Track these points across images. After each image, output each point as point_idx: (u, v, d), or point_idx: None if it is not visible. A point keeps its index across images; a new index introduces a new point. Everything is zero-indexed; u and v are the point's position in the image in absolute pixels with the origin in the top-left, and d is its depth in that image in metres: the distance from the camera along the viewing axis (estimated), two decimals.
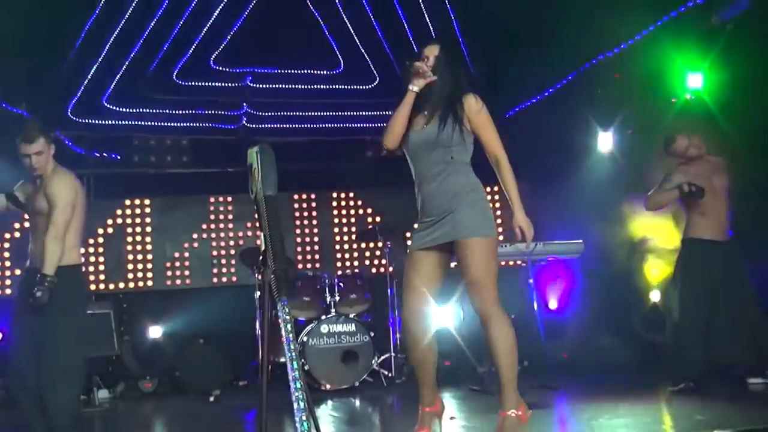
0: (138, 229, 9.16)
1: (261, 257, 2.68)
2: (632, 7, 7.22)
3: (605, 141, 8.57)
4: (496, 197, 9.64)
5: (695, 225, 6.17)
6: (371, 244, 9.68)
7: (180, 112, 9.56)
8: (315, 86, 10.13)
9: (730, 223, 6.18)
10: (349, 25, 10.13)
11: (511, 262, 8.03)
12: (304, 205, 9.79)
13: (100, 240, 9.01)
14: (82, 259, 5.37)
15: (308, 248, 9.73)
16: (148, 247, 9.18)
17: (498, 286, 4.27)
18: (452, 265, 4.50)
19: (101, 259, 8.98)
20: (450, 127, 4.32)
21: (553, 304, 9.16)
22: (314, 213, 9.82)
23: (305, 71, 10.17)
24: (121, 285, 9.00)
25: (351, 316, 7.77)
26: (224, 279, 9.38)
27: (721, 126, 6.74)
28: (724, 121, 6.61)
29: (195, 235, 9.36)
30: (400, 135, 4.42)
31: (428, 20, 9.98)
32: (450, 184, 4.33)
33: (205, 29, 9.67)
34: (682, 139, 6.21)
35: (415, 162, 4.48)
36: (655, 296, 8.35)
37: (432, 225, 4.37)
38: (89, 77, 9.12)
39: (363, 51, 10.20)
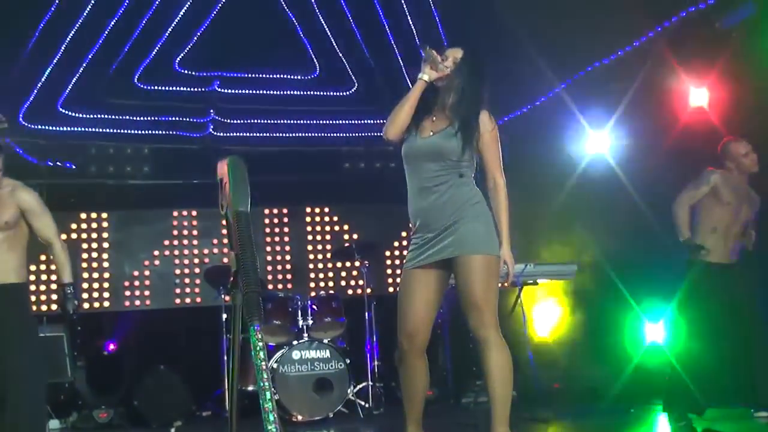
0: (94, 245, 9.11)
1: (232, 278, 2.66)
2: (631, 12, 7.29)
3: (597, 142, 8.61)
4: None
5: (705, 244, 6.21)
6: (347, 264, 9.67)
7: (141, 118, 9.49)
8: (288, 92, 10.10)
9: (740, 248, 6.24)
10: (325, 27, 10.12)
11: (499, 285, 8.03)
12: (276, 221, 9.78)
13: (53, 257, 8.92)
14: None
15: (279, 267, 9.72)
16: (105, 264, 9.12)
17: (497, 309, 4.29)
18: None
19: (54, 277, 8.91)
20: (463, 140, 4.31)
21: (544, 331, 9.18)
22: (286, 229, 9.81)
23: (277, 76, 10.15)
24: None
25: (325, 341, 7.74)
26: (188, 300, 9.34)
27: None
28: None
29: (156, 252, 9.32)
30: (403, 126, 4.39)
31: (411, 23, 10.01)
32: (452, 197, 4.31)
33: (169, 29, 9.63)
34: (746, 146, 6.23)
35: (414, 170, 4.42)
36: (652, 327, 8.38)
37: (430, 241, 4.33)
38: (43, 80, 9.06)
39: (341, 55, 10.19)
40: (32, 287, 8.80)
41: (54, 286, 8.87)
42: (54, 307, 8.81)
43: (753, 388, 5.98)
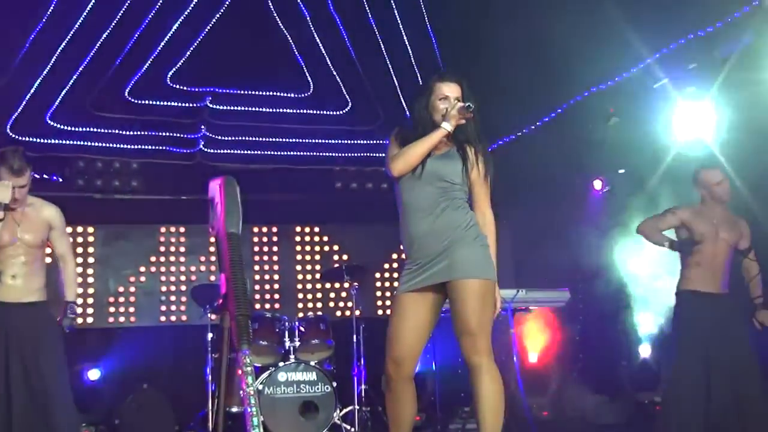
0: (79, 260, 9.06)
1: (221, 300, 2.67)
2: (629, 39, 7.33)
3: (597, 183, 8.69)
4: None
5: (690, 276, 6.20)
6: (336, 285, 9.67)
7: (131, 132, 9.49)
8: (281, 110, 10.10)
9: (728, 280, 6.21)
10: (320, 45, 10.15)
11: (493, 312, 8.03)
12: (265, 239, 9.78)
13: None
14: None
15: (267, 287, 9.71)
16: (90, 280, 9.11)
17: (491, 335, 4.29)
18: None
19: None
20: (464, 166, 4.41)
21: (533, 357, 9.18)
22: (275, 248, 9.81)
23: (270, 93, 10.15)
24: None
25: (312, 363, 7.73)
26: (173, 318, 9.32)
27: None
28: (729, 166, 6.65)
29: (142, 269, 9.31)
30: (413, 168, 4.39)
31: (407, 43, 10.04)
32: (448, 221, 4.32)
33: (162, 43, 9.64)
34: (720, 175, 6.17)
35: (410, 193, 4.42)
36: (644, 350, 8.40)
37: (425, 265, 4.33)
38: (32, 91, 9.05)
39: (335, 73, 10.22)
40: None
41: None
42: None
43: (743, 425, 5.95)
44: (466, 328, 4.22)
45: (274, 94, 10.14)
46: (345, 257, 9.80)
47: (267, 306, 9.54)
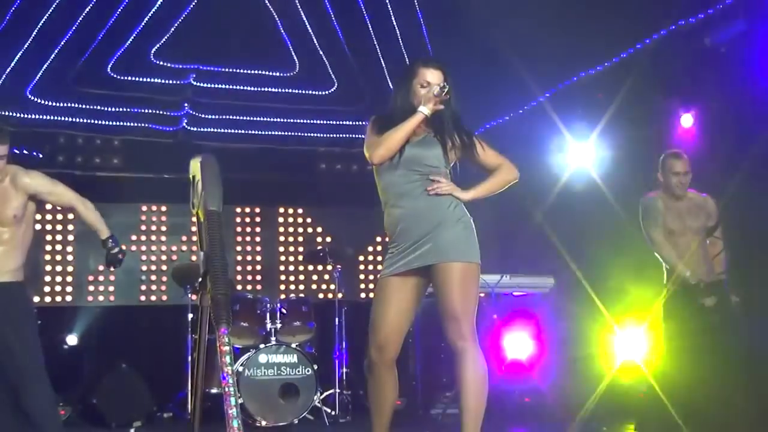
0: (59, 238, 9.05)
1: (200, 280, 2.65)
2: (619, 23, 7.32)
3: (580, 154, 8.65)
4: None
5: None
6: (319, 267, 9.67)
7: (113, 109, 9.43)
8: (265, 89, 10.05)
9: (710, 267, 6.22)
10: (307, 24, 10.10)
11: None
12: (247, 220, 9.76)
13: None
14: None
15: (249, 268, 9.70)
16: (69, 258, 9.08)
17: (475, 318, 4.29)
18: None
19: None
20: (443, 150, 4.40)
21: (516, 342, 9.18)
22: (258, 229, 9.80)
23: (255, 72, 10.10)
24: (37, 299, 8.85)
25: (293, 346, 7.72)
26: (153, 297, 9.30)
27: (712, 160, 6.83)
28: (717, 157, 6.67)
29: (123, 247, 9.21)
30: (393, 154, 4.38)
31: (395, 24, 10.01)
32: (431, 203, 4.32)
33: (146, 18, 9.58)
34: (685, 165, 6.16)
35: (392, 177, 4.42)
36: (629, 342, 8.42)
37: (408, 248, 4.31)
38: (12, 65, 8.98)
39: (321, 53, 10.18)
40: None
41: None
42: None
43: (730, 411, 5.98)
44: (450, 312, 4.21)
45: (259, 72, 10.09)
46: (328, 239, 9.79)
47: (249, 287, 9.53)
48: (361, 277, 10.05)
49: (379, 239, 9.96)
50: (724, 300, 6.16)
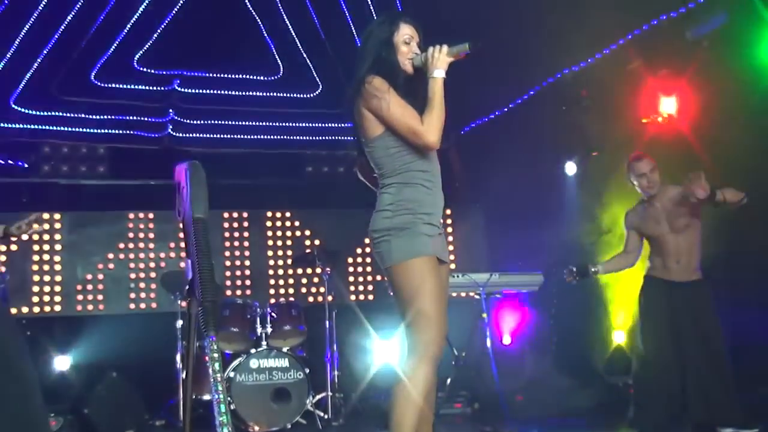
0: (46, 247, 9.02)
1: (188, 287, 2.66)
2: (601, 20, 7.35)
3: (571, 166, 8.73)
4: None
5: (654, 263, 6.28)
6: (309, 271, 9.66)
7: (98, 117, 9.44)
8: (250, 93, 10.07)
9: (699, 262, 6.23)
10: (290, 27, 10.11)
11: (463, 294, 8.06)
12: (235, 225, 9.74)
13: (2, 258, 8.86)
14: None
15: (238, 273, 9.68)
16: (57, 267, 9.04)
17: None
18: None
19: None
20: None
21: (507, 340, 9.22)
22: (246, 234, 9.78)
23: (240, 76, 10.12)
24: (25, 309, 8.84)
25: (284, 350, 7.72)
26: (142, 305, 9.28)
27: (695, 153, 6.86)
28: (699, 147, 6.71)
29: (111, 255, 9.25)
30: None
31: None
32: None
33: (129, 25, 9.57)
34: (646, 166, 6.13)
35: (430, 162, 4.12)
36: (618, 337, 8.47)
37: (440, 235, 4.11)
38: None
39: (305, 56, 10.18)
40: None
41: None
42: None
43: (711, 405, 6.00)
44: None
45: (244, 77, 10.11)
46: (317, 242, 9.79)
47: (238, 292, 9.52)
48: (351, 279, 10.05)
49: (367, 240, 9.94)
50: (702, 302, 6.14)
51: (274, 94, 10.13)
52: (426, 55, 4.08)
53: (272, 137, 10.04)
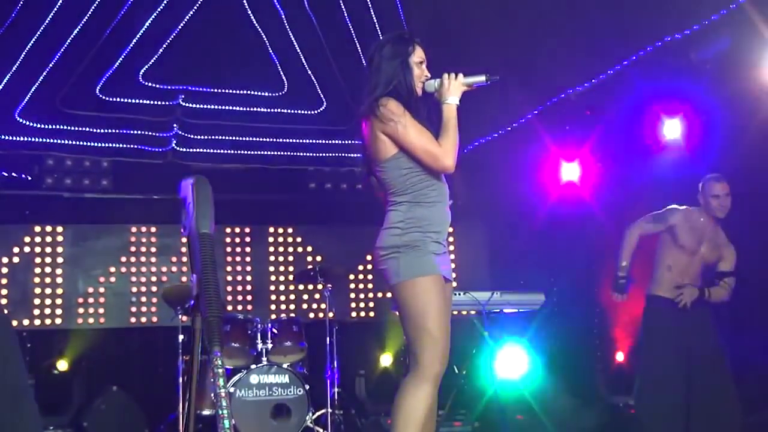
0: (48, 260, 9.03)
1: (193, 302, 2.66)
2: (605, 40, 7.37)
3: (570, 170, 8.69)
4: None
5: (661, 281, 6.25)
6: (310, 287, 9.66)
7: (102, 130, 9.42)
8: (254, 109, 10.04)
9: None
10: (295, 43, 10.13)
11: (464, 312, 8.05)
12: (237, 240, 9.75)
13: (4, 270, 8.86)
14: None
15: (240, 288, 9.68)
16: (59, 280, 9.04)
17: None
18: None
19: (4, 291, 8.83)
20: None
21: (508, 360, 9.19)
22: (248, 249, 9.79)
23: (244, 92, 10.10)
24: (26, 322, 8.84)
25: (284, 366, 7.72)
26: (143, 319, 9.27)
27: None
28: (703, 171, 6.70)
29: (112, 269, 9.26)
30: None
31: None
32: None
33: (134, 40, 9.59)
34: (721, 188, 6.14)
35: (439, 183, 4.22)
36: (620, 356, 8.46)
37: (446, 254, 4.18)
38: (1, 87, 8.97)
39: (310, 73, 10.20)
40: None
41: (5, 301, 8.80)
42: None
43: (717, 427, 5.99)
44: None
45: (248, 92, 10.09)
46: (318, 258, 9.79)
47: (239, 308, 9.52)
48: (352, 296, 10.04)
49: (369, 257, 9.97)
50: (705, 323, 6.14)
51: (278, 110, 10.12)
52: (441, 81, 4.17)
53: (276, 153, 10.03)
